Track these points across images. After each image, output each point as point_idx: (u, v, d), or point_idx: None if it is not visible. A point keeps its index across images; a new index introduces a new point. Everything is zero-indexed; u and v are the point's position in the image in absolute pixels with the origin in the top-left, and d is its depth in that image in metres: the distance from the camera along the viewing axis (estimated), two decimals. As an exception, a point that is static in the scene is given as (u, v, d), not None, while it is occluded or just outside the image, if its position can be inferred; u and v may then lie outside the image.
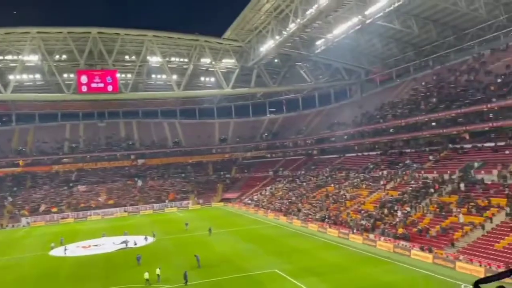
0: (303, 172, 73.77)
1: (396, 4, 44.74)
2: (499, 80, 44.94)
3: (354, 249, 35.21)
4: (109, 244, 43.80)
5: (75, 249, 42.12)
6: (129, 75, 76.93)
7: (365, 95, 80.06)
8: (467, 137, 47.41)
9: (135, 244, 42.04)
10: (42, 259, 39.14)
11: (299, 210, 53.85)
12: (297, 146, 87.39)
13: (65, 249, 40.51)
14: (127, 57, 75.33)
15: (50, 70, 70.07)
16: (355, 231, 39.69)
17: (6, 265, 37.61)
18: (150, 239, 44.49)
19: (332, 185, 58.37)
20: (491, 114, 43.47)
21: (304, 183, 66.20)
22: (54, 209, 70.94)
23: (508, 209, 31.10)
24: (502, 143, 41.03)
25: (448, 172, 41.99)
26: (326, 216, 47.23)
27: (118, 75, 72.62)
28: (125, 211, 72.63)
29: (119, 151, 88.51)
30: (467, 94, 47.56)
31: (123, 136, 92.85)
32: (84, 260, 37.67)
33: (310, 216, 50.07)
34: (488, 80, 46.88)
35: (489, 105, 42.63)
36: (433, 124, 51.53)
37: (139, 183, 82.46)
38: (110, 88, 71.13)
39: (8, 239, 53.72)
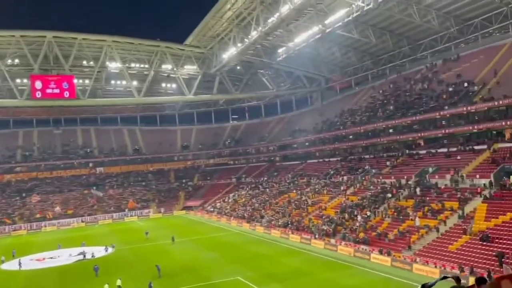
0: (265, 178, 74.13)
1: (354, 15, 46.14)
2: (450, 89, 47.22)
3: (316, 254, 35.65)
4: (65, 256, 41.99)
5: (28, 262, 40.03)
6: (87, 81, 74.65)
7: (326, 102, 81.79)
8: (422, 143, 49.39)
9: (93, 255, 40.57)
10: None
11: (262, 217, 53.97)
12: (259, 153, 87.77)
13: (20, 263, 38.07)
14: (85, 62, 73.11)
15: (1, 75, 66.82)
16: (317, 236, 40.22)
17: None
18: (110, 250, 43.11)
19: (294, 191, 58.98)
20: (443, 121, 45.55)
21: (267, 190, 66.50)
22: (8, 221, 67.27)
23: (460, 212, 32.56)
24: (454, 149, 43.02)
25: (405, 177, 43.49)
26: (289, 222, 47.61)
27: (75, 80, 70.34)
28: (83, 221, 70.02)
29: (76, 159, 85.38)
30: (422, 102, 49.65)
31: (81, 144, 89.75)
32: (38, 274, 35.90)
33: (273, 222, 50.29)
34: (440, 89, 49.16)
35: (441, 113, 44.64)
36: (390, 130, 53.36)
37: (98, 192, 79.87)
38: (66, 94, 68.72)
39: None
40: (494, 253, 25.90)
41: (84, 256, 40.48)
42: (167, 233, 50.87)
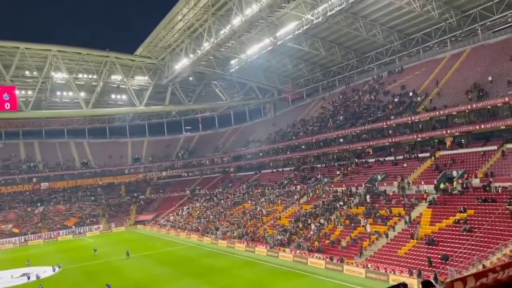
0: (220, 190, 73.65)
1: (304, 28, 47.40)
2: (396, 100, 49.48)
3: (272, 264, 35.73)
4: (7, 278, 39.27)
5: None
6: (30, 92, 70.92)
7: (278, 113, 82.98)
8: (371, 152, 51.25)
9: (38, 276, 38.21)
10: None
11: (217, 229, 53.44)
12: (214, 164, 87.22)
13: None
14: (27, 72, 69.54)
15: None
16: (272, 246, 40.34)
17: None
18: (57, 269, 40.84)
19: (249, 201, 59.01)
20: (390, 131, 47.59)
21: (222, 201, 66.05)
22: None
23: (407, 218, 33.97)
24: (401, 157, 44.99)
25: (355, 185, 44.83)
26: (244, 233, 47.47)
27: (17, 91, 66.61)
28: (26, 240, 65.96)
29: (19, 174, 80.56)
30: (370, 112, 51.62)
31: (24, 158, 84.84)
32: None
33: (228, 234, 49.93)
34: (386, 100, 51.39)
35: (388, 122, 46.62)
36: (341, 140, 54.98)
37: (41, 208, 75.70)
38: (7, 105, 64.81)
39: None
40: (439, 256, 27.19)
41: (29, 277, 38.00)
42: (118, 249, 49.05)
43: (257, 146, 73.11)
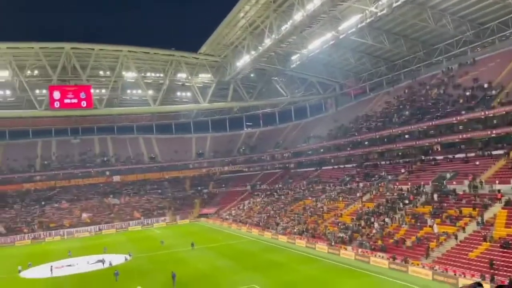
0: (280, 185, 73.97)
1: (368, 20, 45.99)
2: (467, 93, 46.58)
3: (332, 261, 35.36)
4: (83, 264, 42.54)
5: (47, 270, 40.64)
6: (103, 91, 75.85)
7: (340, 108, 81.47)
8: (439, 149, 48.73)
9: (111, 263, 40.94)
10: (12, 282, 37.62)
11: (277, 224, 53.81)
12: (274, 159, 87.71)
13: (51, 269, 39.09)
14: (101, 72, 74.40)
15: (21, 86, 68.37)
16: (333, 243, 39.90)
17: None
18: (128, 257, 43.49)
19: (310, 198, 58.70)
20: (460, 126, 44.90)
21: (282, 197, 66.34)
22: (25, 230, 68.53)
23: (479, 219, 31.96)
24: (472, 154, 42.32)
25: (422, 183, 42.91)
26: (304, 229, 47.37)
27: (92, 90, 71.51)
28: (100, 230, 70.85)
29: (94, 167, 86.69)
30: (438, 107, 49.07)
31: (98, 153, 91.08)
32: (57, 281, 36.40)
33: (288, 229, 50.10)
34: (457, 94, 48.53)
35: (458, 118, 44.04)
36: (406, 136, 52.79)
37: (115, 200, 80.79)
38: (84, 103, 69.82)
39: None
40: (515, 261, 25.34)
41: (103, 263, 40.91)
42: (183, 240, 51.12)
43: (318, 142, 72.38)
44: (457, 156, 44.31)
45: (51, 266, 40.03)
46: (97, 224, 72.35)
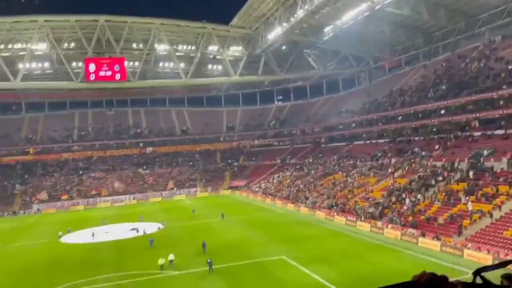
0: (310, 160, 73.76)
1: (406, -10, 44.09)
2: (510, 67, 44.30)
3: (361, 236, 35.37)
4: (119, 231, 44.40)
5: (85, 236, 42.77)
6: (136, 63, 76.88)
7: (374, 82, 79.45)
8: (477, 125, 46.99)
9: (145, 231, 42.51)
10: (53, 246, 39.83)
11: (306, 198, 54.03)
12: (304, 134, 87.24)
13: (93, 234, 41.43)
14: (134, 45, 75.20)
15: (58, 58, 70.26)
16: (362, 218, 39.79)
17: (18, 251, 38.39)
18: (161, 226, 45.04)
19: (340, 173, 58.37)
20: (501, 101, 42.96)
21: (312, 171, 66.26)
22: (64, 197, 71.91)
23: (517, 197, 30.94)
24: (512, 131, 40.61)
25: (457, 160, 41.74)
26: (334, 204, 47.37)
27: (125, 63, 72.60)
28: (134, 199, 73.41)
29: (128, 139, 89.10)
30: (477, 81, 47.01)
31: (132, 124, 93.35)
32: (95, 247, 38.27)
33: (317, 203, 50.25)
34: (499, 67, 46.24)
35: (499, 92, 42.12)
36: (442, 111, 51.08)
37: (148, 171, 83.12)
38: (118, 76, 71.11)
39: (20, 225, 54.69)
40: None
41: (137, 231, 42.56)
42: (214, 211, 52.28)
43: (350, 117, 71.23)
44: (496, 132, 42.65)
45: (93, 232, 42.09)
46: (131, 193, 74.92)
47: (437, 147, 48.13)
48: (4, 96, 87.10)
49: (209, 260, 27.37)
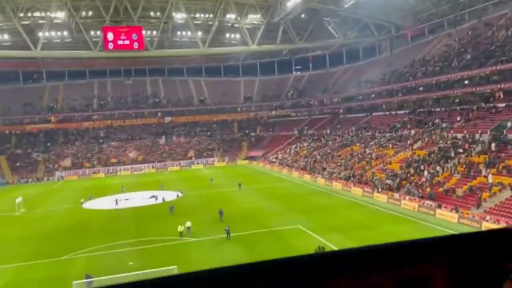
0: (328, 131, 73.25)
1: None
2: (540, 35, 42.42)
3: (378, 207, 35.39)
4: (138, 198, 45.47)
5: (106, 203, 43.97)
6: (154, 32, 76.43)
7: (395, 51, 77.33)
8: (501, 96, 45.59)
9: (164, 199, 43.42)
10: (76, 212, 41.14)
11: (323, 169, 54.01)
12: (322, 104, 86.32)
13: (116, 201, 42.41)
14: (152, 13, 74.53)
15: (77, 27, 70.34)
16: (379, 190, 39.69)
17: (42, 216, 39.81)
18: (179, 195, 45.89)
19: (358, 144, 57.93)
20: (528, 72, 41.45)
21: (329, 142, 65.93)
22: (87, 164, 73.66)
23: (540, 170, 30.28)
24: (539, 102, 39.31)
25: (479, 131, 40.84)
26: (351, 175, 47.28)
27: (143, 32, 72.20)
28: (153, 168, 74.70)
29: (146, 108, 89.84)
30: (504, 50, 45.25)
31: (150, 94, 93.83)
32: (116, 213, 39.39)
33: (334, 174, 50.22)
34: (528, 36, 44.33)
35: (527, 62, 40.55)
36: (466, 82, 49.65)
37: (165, 140, 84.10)
38: (136, 45, 70.93)
39: (44, 191, 56.50)
40: None
41: (156, 199, 43.51)
42: (231, 181, 52.88)
43: (370, 87, 69.94)
44: (521, 104, 41.36)
45: (116, 199, 43.17)
46: (150, 162, 76.19)
47: (458, 118, 47.07)
48: (25, 65, 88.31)
49: (227, 228, 27.88)
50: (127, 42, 70.34)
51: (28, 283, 21.91)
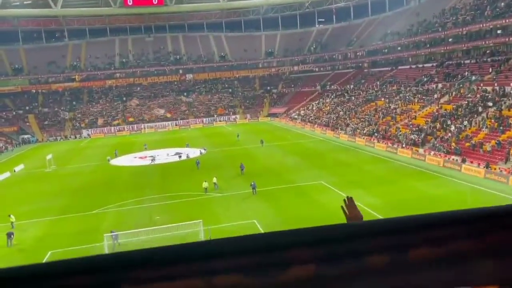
0: (352, 86, 71.73)
1: None
2: None
3: (402, 163, 35.04)
4: (163, 155, 46.32)
5: (132, 160, 45.05)
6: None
7: (424, 1, 73.54)
8: (537, 46, 43.24)
9: (188, 156, 44.09)
10: (103, 168, 42.38)
11: (347, 125, 53.42)
12: (346, 58, 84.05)
13: (152, 159, 42.89)
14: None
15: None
16: (404, 145, 39.14)
17: (71, 172, 41.21)
18: (203, 151, 46.49)
19: (382, 99, 56.68)
20: None
21: (353, 97, 64.73)
22: (115, 122, 74.95)
23: None
24: None
25: (511, 84, 39.16)
26: (375, 131, 46.64)
27: (162, -14, 70.84)
28: (177, 125, 75.51)
29: (167, 65, 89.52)
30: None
31: (170, 51, 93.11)
32: (143, 169, 40.41)
33: (358, 130, 49.65)
34: None
35: None
36: (499, 31, 47.11)
37: (188, 98, 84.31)
38: (155, 0, 69.88)
39: (72, 149, 58.21)
40: None
41: (180, 156, 44.24)
42: (254, 138, 53.03)
43: (396, 40, 67.33)
44: (558, 54, 39.17)
45: (153, 156, 43.84)
46: (173, 120, 76.93)
47: (490, 70, 45.13)
48: (47, 23, 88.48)
49: (252, 183, 28.29)
50: (146, -3, 69.30)
51: (62, 235, 23.05)
